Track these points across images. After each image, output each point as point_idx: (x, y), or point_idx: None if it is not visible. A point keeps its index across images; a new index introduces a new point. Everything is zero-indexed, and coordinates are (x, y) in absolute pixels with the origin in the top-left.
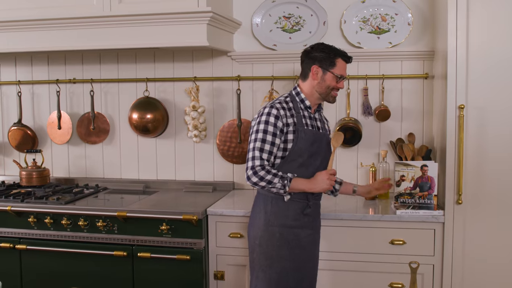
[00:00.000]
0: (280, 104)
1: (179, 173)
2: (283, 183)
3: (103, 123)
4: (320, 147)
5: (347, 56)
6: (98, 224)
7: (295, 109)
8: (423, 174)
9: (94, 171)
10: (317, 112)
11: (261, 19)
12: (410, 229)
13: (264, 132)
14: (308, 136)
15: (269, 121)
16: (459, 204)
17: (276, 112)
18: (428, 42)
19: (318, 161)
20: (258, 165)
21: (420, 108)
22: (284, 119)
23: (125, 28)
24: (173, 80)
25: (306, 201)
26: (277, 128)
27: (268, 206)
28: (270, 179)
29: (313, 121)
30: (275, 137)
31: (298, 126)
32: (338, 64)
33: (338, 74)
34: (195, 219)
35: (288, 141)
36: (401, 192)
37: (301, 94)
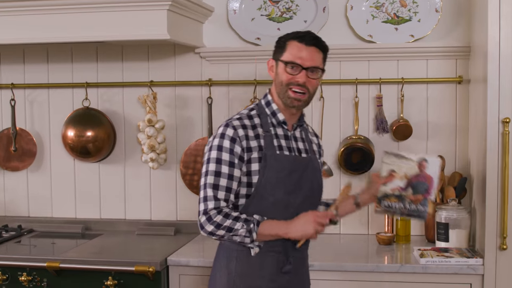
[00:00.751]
0: (239, 120)
1: (131, 210)
2: (248, 227)
3: (28, 143)
4: (303, 178)
5: (304, 36)
6: (21, 279)
7: (264, 126)
8: (420, 171)
9: (16, 207)
10: (299, 129)
11: (239, 4)
12: (438, 283)
13: (217, 162)
14: (282, 163)
15: (223, 147)
16: (503, 250)
17: (233, 132)
18: (463, 35)
19: (299, 198)
20: (212, 207)
21: (451, 122)
22: (243, 142)
23: (57, 16)
24: (122, 85)
25: (284, 256)
26: (234, 156)
27: (232, 263)
28: (230, 225)
29: (291, 141)
30: (233, 168)
31: (266, 151)
32: (289, 48)
33: (286, 59)
34: (151, 271)
35: (253, 172)
36: (387, 192)
37: (273, 104)
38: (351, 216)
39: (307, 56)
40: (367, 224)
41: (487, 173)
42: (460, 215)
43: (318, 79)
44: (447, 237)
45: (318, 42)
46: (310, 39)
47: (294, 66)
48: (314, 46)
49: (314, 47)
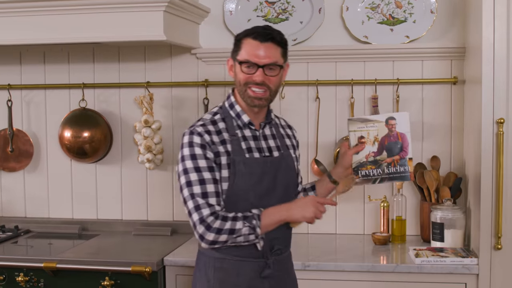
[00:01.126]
0: (203, 127)
1: (127, 210)
2: (251, 224)
3: (25, 144)
4: (276, 179)
5: (258, 32)
6: (18, 279)
7: (229, 129)
8: (390, 130)
9: (13, 208)
10: (268, 126)
11: (236, 5)
12: (433, 283)
13: (197, 170)
14: (252, 167)
15: (195, 154)
16: (497, 250)
17: (200, 139)
18: (458, 36)
19: (273, 200)
20: (209, 214)
21: (446, 123)
22: (212, 147)
23: (53, 17)
24: (118, 86)
25: (264, 260)
26: (210, 160)
27: (210, 271)
28: (231, 226)
29: (261, 141)
30: (214, 172)
31: (234, 156)
32: (243, 46)
33: (241, 59)
34: (148, 271)
35: (222, 179)
36: (361, 160)
37: (237, 105)
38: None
39: (263, 53)
40: (363, 224)
41: (482, 173)
42: (455, 215)
43: (279, 75)
44: (442, 237)
45: (274, 38)
46: (265, 35)
47: (250, 65)
48: (270, 42)
49: (271, 43)
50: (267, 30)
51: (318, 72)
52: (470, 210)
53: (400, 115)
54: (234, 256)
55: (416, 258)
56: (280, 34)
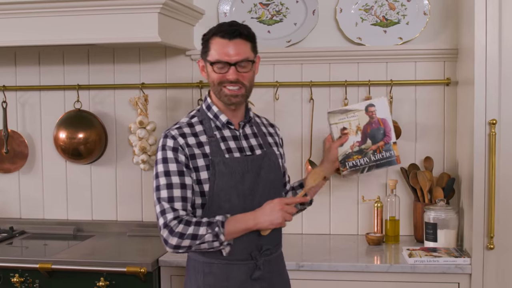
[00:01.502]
0: (178, 130)
1: (122, 211)
2: (214, 231)
3: (20, 145)
4: (258, 178)
5: (225, 30)
6: (13, 280)
7: (207, 131)
8: (371, 118)
9: (8, 209)
10: (248, 125)
11: (230, 7)
12: (426, 282)
13: (166, 174)
14: (232, 167)
15: (167, 158)
16: (490, 250)
17: (173, 142)
18: (450, 37)
19: (257, 199)
20: (172, 218)
21: (439, 124)
22: (186, 150)
23: (48, 19)
24: (113, 87)
25: (254, 261)
26: (181, 164)
27: (199, 276)
28: (194, 231)
29: (241, 141)
30: (183, 177)
31: (213, 157)
32: (212, 46)
33: (211, 59)
34: (143, 272)
35: (203, 181)
36: (347, 152)
37: (214, 106)
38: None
39: (233, 51)
40: (357, 225)
41: (474, 174)
42: (448, 216)
43: (252, 71)
44: (436, 237)
45: (241, 33)
46: (233, 32)
47: (221, 64)
48: (238, 38)
49: (239, 39)
50: (233, 27)
51: (312, 74)
52: (463, 211)
53: (378, 101)
54: (222, 259)
55: (410, 258)
56: (247, 29)
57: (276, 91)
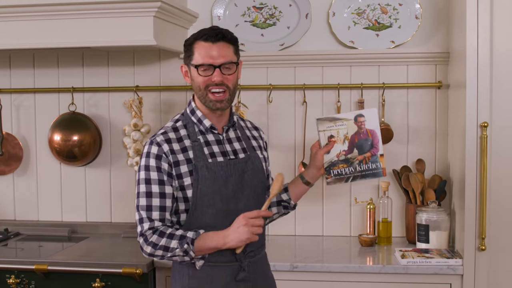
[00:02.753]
0: (163, 135)
1: (117, 213)
2: (183, 247)
3: (14, 148)
4: (242, 182)
5: (208, 33)
6: (9, 282)
7: (191, 136)
8: (360, 128)
9: (3, 210)
10: (231, 129)
11: (224, 10)
12: (419, 283)
13: (147, 182)
14: (215, 171)
15: (150, 166)
16: (481, 251)
17: (157, 149)
18: (442, 41)
19: (241, 203)
20: (147, 228)
21: (431, 126)
22: (170, 157)
23: (43, 22)
24: (107, 90)
25: (238, 263)
26: (162, 173)
27: (184, 278)
28: (166, 243)
29: (225, 145)
30: (163, 186)
31: (196, 162)
32: (196, 50)
33: (196, 63)
34: (138, 273)
35: (186, 187)
36: (332, 160)
37: (198, 111)
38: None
39: (217, 53)
40: (349, 226)
41: (466, 176)
42: (440, 217)
43: (235, 74)
44: (428, 238)
45: (224, 36)
46: (216, 35)
47: (206, 67)
48: (221, 41)
49: (222, 42)
50: (216, 30)
51: (305, 77)
52: (454, 212)
53: (369, 111)
54: (206, 262)
55: (402, 259)
56: (229, 33)
57: (269, 94)
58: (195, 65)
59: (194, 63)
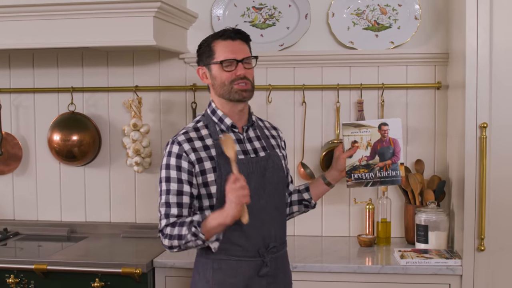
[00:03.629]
0: (184, 135)
1: (116, 213)
2: (191, 231)
3: (14, 147)
4: (264, 179)
5: (226, 33)
6: (8, 281)
7: (213, 135)
8: (383, 136)
9: (2, 210)
10: (251, 129)
11: (223, 11)
12: (418, 283)
13: (167, 180)
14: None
15: (170, 164)
16: (481, 251)
17: (178, 148)
18: (441, 42)
19: (263, 199)
20: (165, 225)
21: (430, 127)
22: (191, 155)
23: (43, 22)
24: (107, 90)
25: (261, 258)
26: (181, 172)
27: (208, 272)
28: (178, 232)
29: (245, 144)
30: (182, 184)
31: (218, 159)
32: (217, 48)
33: (219, 59)
34: (138, 273)
35: (209, 183)
36: (354, 164)
37: (218, 111)
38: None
39: (237, 49)
40: (349, 227)
41: (465, 177)
42: (439, 218)
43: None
44: (427, 238)
45: (241, 35)
46: (234, 34)
47: (229, 62)
48: (239, 39)
49: (239, 40)
50: (232, 29)
51: (305, 77)
52: (453, 213)
53: (393, 121)
54: (231, 256)
55: (401, 259)
56: (244, 32)
57: (269, 95)
58: (219, 61)
59: (217, 60)
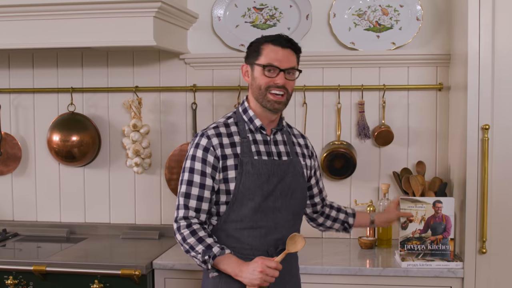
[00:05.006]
0: (214, 129)
1: (115, 214)
2: (203, 258)
3: (13, 148)
4: (282, 183)
5: (278, 39)
6: (7, 282)
7: (241, 133)
8: (436, 212)
9: (1, 211)
10: (279, 132)
11: (224, 11)
12: (419, 286)
13: (190, 171)
14: (259, 168)
15: (196, 156)
16: (482, 254)
17: (206, 142)
18: (443, 43)
19: (279, 202)
20: (182, 217)
21: (432, 129)
22: (218, 151)
23: (44, 22)
24: (107, 90)
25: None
26: (206, 165)
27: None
28: (193, 244)
29: (271, 146)
30: (204, 177)
31: (242, 157)
32: (264, 51)
33: (263, 63)
34: (137, 274)
35: (229, 180)
36: (408, 236)
37: (250, 110)
38: None
39: (284, 57)
40: None
41: (467, 178)
42: None
43: (295, 80)
44: None
45: (292, 44)
46: (285, 42)
47: (272, 68)
48: (289, 48)
49: (289, 49)
50: (285, 37)
51: (306, 78)
52: (455, 215)
53: (447, 200)
54: (240, 255)
55: (402, 262)
56: (296, 43)
57: None
58: (262, 65)
59: (261, 63)
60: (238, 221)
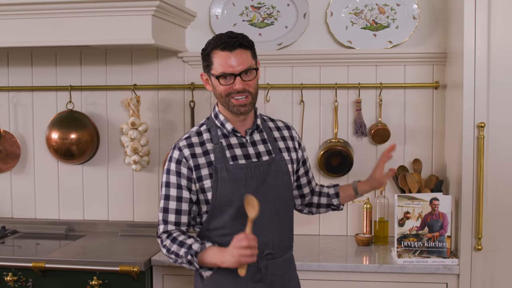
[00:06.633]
0: (186, 140)
1: (113, 211)
2: (187, 258)
3: (12, 145)
4: (265, 184)
5: (225, 42)
6: (6, 279)
7: (213, 139)
8: (433, 210)
9: (0, 208)
10: (256, 132)
11: (222, 10)
12: (415, 283)
13: (167, 185)
14: (235, 173)
15: (170, 170)
16: (478, 251)
17: (178, 154)
18: (439, 42)
19: (261, 206)
20: (162, 231)
21: (428, 127)
22: (190, 161)
23: (42, 20)
24: (105, 88)
25: (255, 264)
26: (181, 177)
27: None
28: (176, 250)
29: (248, 148)
30: (181, 190)
31: (216, 164)
32: (215, 60)
33: (216, 73)
34: (135, 271)
35: (206, 189)
36: (405, 233)
37: (220, 115)
38: (330, 217)
39: (236, 61)
40: (346, 226)
41: (462, 176)
42: None
43: (256, 78)
44: None
45: (241, 44)
46: (233, 44)
47: (227, 76)
48: (238, 49)
49: (239, 49)
50: (232, 38)
51: (303, 76)
52: (451, 212)
53: (444, 197)
54: None
55: (399, 258)
56: (245, 38)
57: (267, 93)
58: (215, 75)
59: (214, 73)
60: (220, 228)
